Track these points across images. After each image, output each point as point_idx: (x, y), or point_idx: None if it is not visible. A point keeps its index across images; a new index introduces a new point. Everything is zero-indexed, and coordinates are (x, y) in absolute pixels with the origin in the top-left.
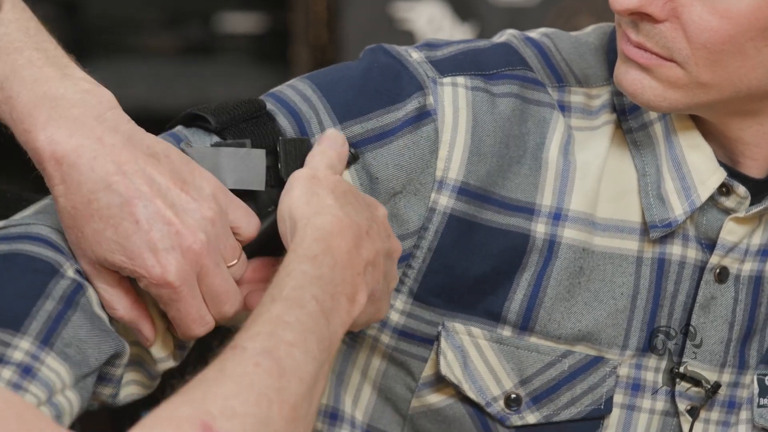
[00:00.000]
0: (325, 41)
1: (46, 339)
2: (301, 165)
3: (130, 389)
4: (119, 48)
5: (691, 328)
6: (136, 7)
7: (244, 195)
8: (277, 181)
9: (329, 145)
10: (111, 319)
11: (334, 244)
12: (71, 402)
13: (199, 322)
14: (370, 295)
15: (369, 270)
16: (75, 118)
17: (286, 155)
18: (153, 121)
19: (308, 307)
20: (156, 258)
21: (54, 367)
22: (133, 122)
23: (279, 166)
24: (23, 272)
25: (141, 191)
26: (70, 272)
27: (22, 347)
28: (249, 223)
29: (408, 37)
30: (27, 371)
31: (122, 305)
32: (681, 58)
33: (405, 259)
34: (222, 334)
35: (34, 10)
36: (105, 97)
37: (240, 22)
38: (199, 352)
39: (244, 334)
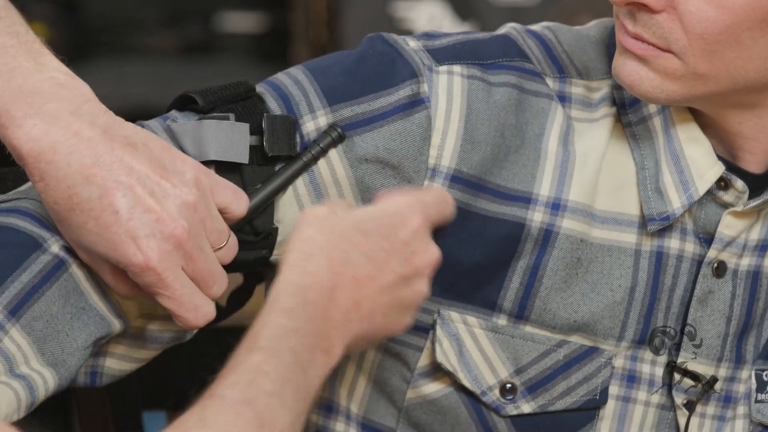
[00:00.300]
0: (325, 41)
1: (15, 310)
2: (286, 142)
3: (114, 362)
4: (119, 48)
5: (691, 329)
6: (136, 7)
7: (230, 176)
8: (262, 159)
9: None
10: (106, 294)
11: (309, 298)
12: (44, 376)
13: (194, 312)
14: (364, 334)
15: (353, 317)
16: (51, 114)
17: (271, 132)
18: None
19: (286, 358)
20: (137, 245)
21: (16, 339)
22: (110, 113)
23: (264, 142)
24: (4, 244)
25: (119, 181)
26: (55, 248)
27: None
28: (238, 202)
29: None
30: None
31: (125, 286)
32: (678, 49)
33: None
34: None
35: (35, 10)
36: (80, 89)
37: (240, 22)
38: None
39: (221, 383)
